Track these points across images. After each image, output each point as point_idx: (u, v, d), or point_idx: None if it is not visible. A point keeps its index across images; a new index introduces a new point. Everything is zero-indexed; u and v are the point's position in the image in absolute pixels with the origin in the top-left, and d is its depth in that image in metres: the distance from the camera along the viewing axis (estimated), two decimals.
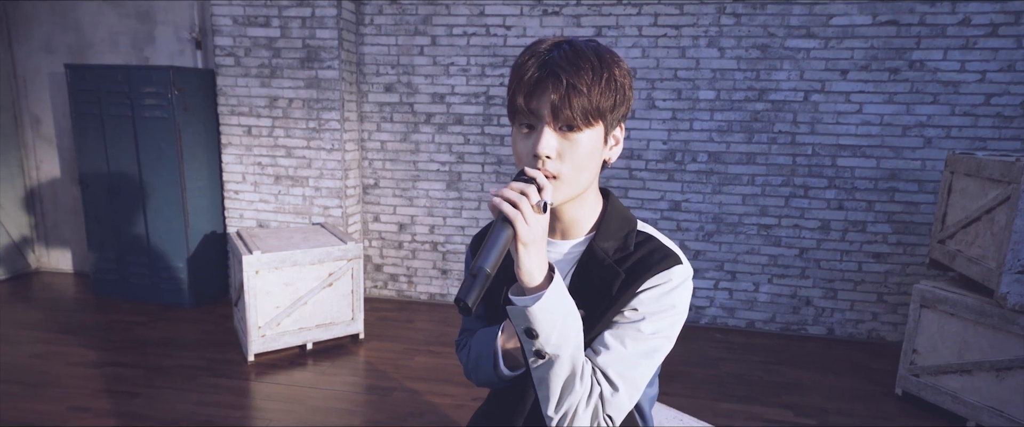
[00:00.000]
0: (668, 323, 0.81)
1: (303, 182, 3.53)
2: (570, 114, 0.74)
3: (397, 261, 3.81)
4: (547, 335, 0.72)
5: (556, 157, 0.76)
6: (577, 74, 0.74)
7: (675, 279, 0.81)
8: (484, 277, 0.67)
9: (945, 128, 3.11)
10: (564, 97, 0.74)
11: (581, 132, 0.77)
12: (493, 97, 3.47)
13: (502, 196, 0.70)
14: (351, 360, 2.95)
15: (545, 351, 0.73)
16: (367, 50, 3.55)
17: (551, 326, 0.72)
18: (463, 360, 1.00)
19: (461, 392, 2.62)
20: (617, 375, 0.79)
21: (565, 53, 0.75)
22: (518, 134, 0.80)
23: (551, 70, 0.74)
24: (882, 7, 3.04)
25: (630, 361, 0.79)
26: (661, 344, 0.82)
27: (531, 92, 0.75)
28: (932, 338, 2.54)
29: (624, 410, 0.79)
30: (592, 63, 0.75)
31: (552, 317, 0.71)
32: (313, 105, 3.41)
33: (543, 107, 0.75)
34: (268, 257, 2.77)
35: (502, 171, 3.55)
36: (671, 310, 0.81)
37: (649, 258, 0.83)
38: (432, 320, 3.52)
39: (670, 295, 0.81)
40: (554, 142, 0.76)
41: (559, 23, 3.32)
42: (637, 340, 0.80)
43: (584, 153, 0.77)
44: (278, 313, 2.86)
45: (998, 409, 2.32)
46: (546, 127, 0.76)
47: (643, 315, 0.81)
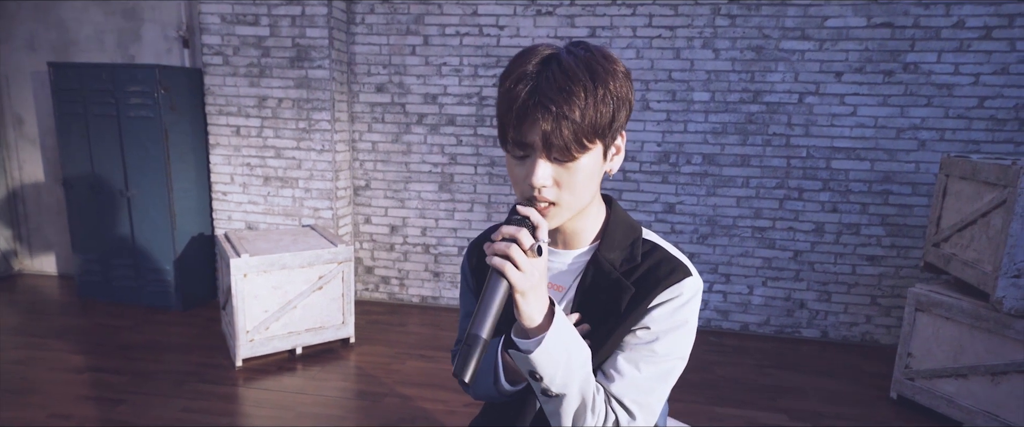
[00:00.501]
0: (681, 341, 0.78)
1: (293, 183, 3.48)
2: (562, 144, 0.69)
3: (388, 263, 3.77)
4: (551, 376, 0.70)
5: (552, 185, 0.73)
6: (568, 100, 0.68)
7: (686, 293, 0.78)
8: (480, 345, 0.64)
9: (939, 131, 3.11)
10: (555, 127, 0.68)
11: (577, 160, 0.72)
12: (486, 98, 3.43)
13: (494, 251, 0.67)
14: (341, 365, 2.90)
15: (552, 391, 0.72)
16: (358, 49, 3.50)
17: (555, 368, 0.70)
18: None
19: (454, 398, 2.58)
20: (633, 402, 0.76)
21: (554, 77, 0.69)
22: (511, 159, 0.76)
23: (539, 100, 0.68)
24: (877, 9, 3.03)
25: (646, 386, 0.77)
26: (675, 365, 0.79)
27: (520, 122, 0.70)
28: (927, 342, 2.54)
29: None
30: (584, 84, 0.69)
31: (555, 359, 0.70)
32: (303, 105, 3.36)
33: (534, 137, 0.70)
34: (257, 260, 2.71)
35: (495, 172, 3.52)
36: (684, 326, 0.78)
37: (657, 270, 0.79)
38: (424, 323, 3.48)
39: (682, 310, 0.78)
40: (549, 171, 0.72)
41: (553, 23, 3.29)
42: (651, 362, 0.77)
43: (582, 178, 0.73)
44: (267, 317, 2.81)
45: (993, 413, 2.31)
46: (540, 158, 0.71)
47: (656, 335, 0.77)
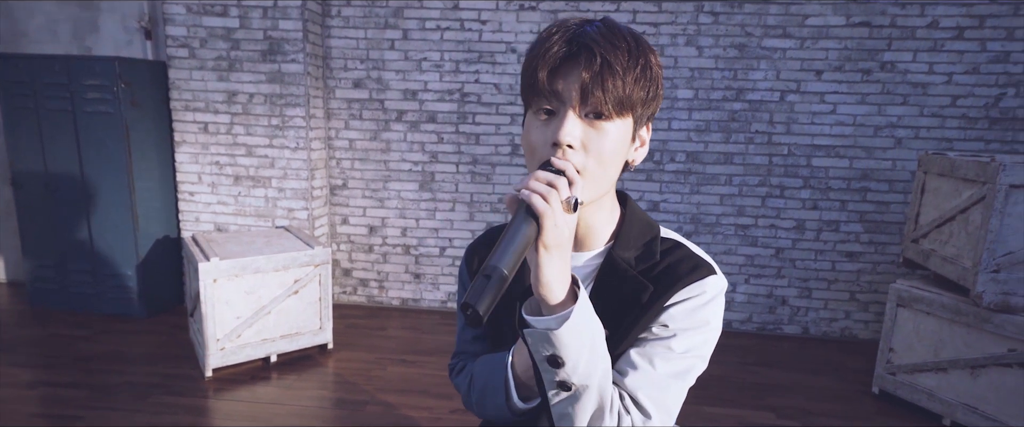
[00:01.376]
0: (701, 340, 0.72)
1: (265, 183, 3.32)
2: (601, 97, 0.63)
3: (367, 265, 3.64)
4: (574, 363, 0.61)
5: (579, 148, 0.66)
6: (613, 52, 0.63)
7: (709, 291, 0.72)
8: (500, 279, 0.54)
9: (914, 129, 3.17)
10: (597, 76, 0.63)
11: (610, 121, 0.66)
12: (468, 94, 3.35)
13: (529, 188, 0.59)
14: (319, 372, 2.77)
15: (571, 382, 0.62)
16: (334, 43, 3.36)
17: (579, 352, 0.61)
18: (462, 388, 0.88)
19: (438, 405, 2.49)
20: (648, 399, 0.69)
21: (599, 29, 0.65)
22: (534, 121, 0.68)
23: (584, 44, 0.63)
24: (855, 8, 3.07)
25: (661, 383, 0.70)
26: (694, 364, 0.72)
27: (557, 69, 0.64)
28: (908, 337, 2.57)
29: None
30: (628, 44, 0.65)
31: (581, 341, 0.61)
32: (276, 101, 3.21)
33: (570, 87, 0.64)
34: (227, 264, 2.56)
35: (477, 171, 3.43)
36: (705, 326, 0.72)
37: (678, 268, 0.73)
38: (405, 327, 3.37)
39: (703, 309, 0.72)
40: (579, 130, 0.65)
41: (536, 19, 3.23)
42: (668, 359, 0.70)
43: (611, 147, 0.67)
44: (239, 324, 2.66)
45: (973, 406, 2.35)
46: (570, 112, 0.65)
47: (674, 332, 0.71)
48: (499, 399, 0.75)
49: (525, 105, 0.72)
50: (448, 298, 3.63)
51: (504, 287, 0.55)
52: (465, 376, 0.87)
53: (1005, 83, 3.06)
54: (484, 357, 0.82)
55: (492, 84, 3.32)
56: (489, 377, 0.78)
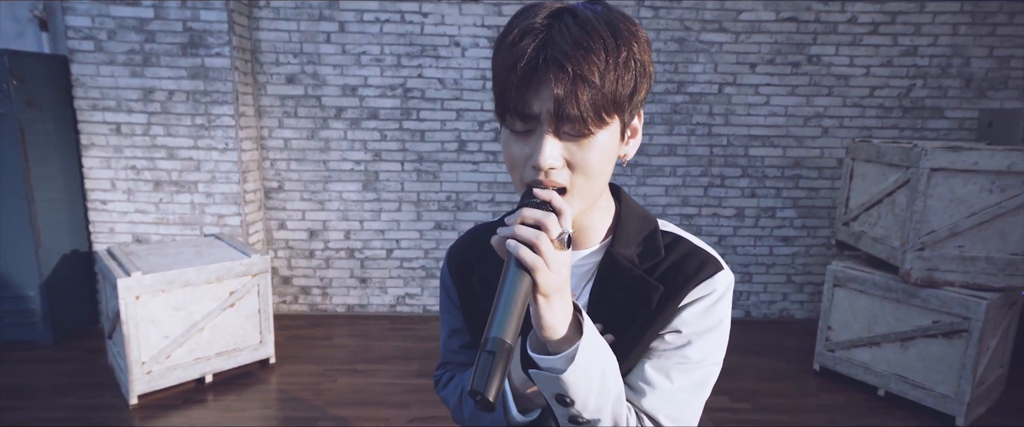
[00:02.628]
0: (716, 344, 0.68)
1: (191, 188, 3.05)
2: (578, 114, 0.55)
3: (308, 272, 3.44)
4: (584, 402, 0.56)
5: (563, 167, 0.59)
6: (586, 58, 0.54)
7: (719, 288, 0.67)
8: (506, 353, 0.49)
9: (838, 118, 3.37)
10: (569, 93, 0.55)
11: (593, 135, 0.58)
12: (411, 89, 3.22)
13: (516, 237, 0.53)
14: (261, 390, 2.58)
15: (583, 418, 0.58)
16: (264, 36, 3.13)
17: (589, 388, 0.56)
18: (451, 401, 0.80)
19: (396, 414, 2.37)
20: (668, 418, 0.64)
21: (570, 30, 0.55)
22: (510, 135, 0.61)
23: (552, 57, 0.54)
24: (784, 4, 3.21)
25: (680, 399, 0.65)
26: (711, 372, 0.68)
27: (524, 86, 0.56)
28: (844, 315, 2.72)
29: None
30: (605, 42, 0.56)
31: (590, 377, 0.56)
32: (200, 98, 2.95)
33: (543, 106, 0.56)
34: (151, 278, 2.32)
35: (424, 169, 3.32)
36: (718, 327, 0.67)
37: (685, 265, 0.68)
38: (352, 334, 3.21)
39: (715, 309, 0.67)
40: (559, 149, 0.58)
41: (479, 11, 3.15)
42: (685, 371, 0.66)
43: (598, 157, 0.59)
44: (168, 344, 2.42)
45: (903, 376, 2.52)
46: (548, 134, 0.57)
47: (688, 338, 0.66)
48: (496, 415, 0.68)
49: (498, 119, 0.63)
50: (397, 302, 3.50)
51: (511, 358, 0.51)
52: (454, 388, 0.80)
53: (914, 75, 3.31)
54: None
55: (436, 79, 3.22)
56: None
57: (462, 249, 0.82)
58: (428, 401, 2.48)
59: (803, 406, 2.54)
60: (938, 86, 3.32)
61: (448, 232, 3.40)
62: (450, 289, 0.83)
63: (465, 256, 0.81)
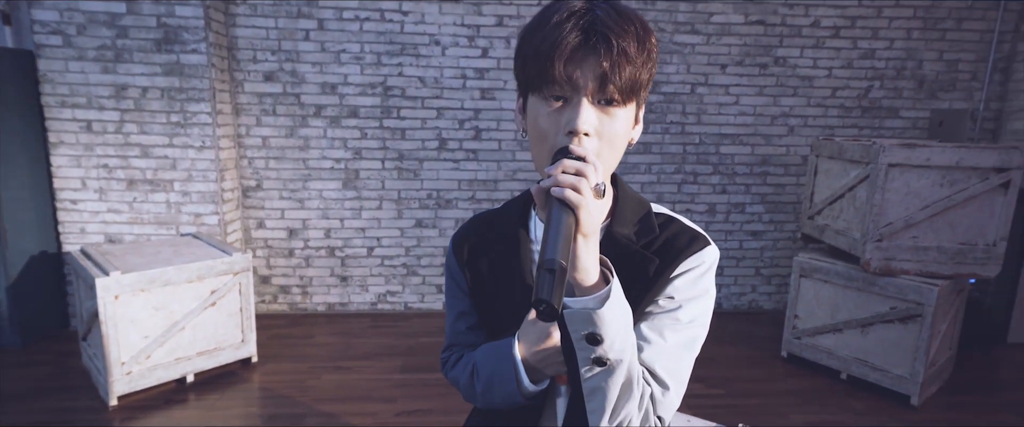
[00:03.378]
0: (703, 309, 0.76)
1: (166, 187, 3.00)
2: (618, 85, 0.65)
3: (288, 271, 3.42)
4: (612, 340, 0.62)
5: (594, 134, 0.67)
6: (626, 38, 0.64)
7: (707, 261, 0.76)
8: (562, 271, 0.56)
9: (803, 118, 3.54)
10: (614, 65, 0.64)
11: (621, 107, 0.67)
12: (392, 88, 3.24)
13: (560, 182, 0.59)
14: (244, 389, 2.57)
15: (607, 358, 0.63)
16: (241, 33, 3.10)
17: (618, 327, 0.63)
18: (461, 380, 0.86)
19: (384, 409, 2.40)
20: (664, 371, 0.71)
21: (610, 13, 0.65)
22: (543, 107, 0.68)
23: (600, 32, 0.63)
24: (752, 7, 3.35)
25: (674, 354, 0.73)
26: (699, 333, 0.76)
27: (572, 58, 0.64)
28: (809, 304, 2.87)
29: (673, 409, 0.72)
30: (636, 28, 0.65)
31: (619, 318, 0.62)
32: (175, 95, 2.90)
33: (587, 76, 0.65)
34: (132, 278, 2.29)
35: (404, 167, 3.34)
36: (705, 295, 0.76)
37: (677, 241, 0.76)
38: (333, 333, 3.21)
39: (703, 279, 0.76)
40: (594, 117, 0.66)
41: (459, 11, 3.19)
42: (676, 330, 0.73)
43: (621, 130, 0.69)
44: (148, 344, 2.39)
45: (864, 360, 2.68)
46: (585, 100, 0.65)
47: (679, 303, 0.74)
48: (509, 386, 0.74)
49: (526, 88, 0.71)
50: (378, 300, 3.51)
51: (566, 278, 0.57)
52: (463, 367, 0.85)
53: (872, 77, 3.50)
54: (485, 347, 0.81)
55: (416, 77, 3.24)
56: (496, 365, 0.76)
57: (467, 235, 0.88)
58: (415, 395, 2.51)
59: (772, 390, 2.67)
60: (894, 87, 3.52)
61: (429, 230, 3.43)
62: (457, 274, 0.89)
63: (471, 241, 0.87)
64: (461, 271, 0.88)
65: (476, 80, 3.27)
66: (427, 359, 2.88)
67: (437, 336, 3.18)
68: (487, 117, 3.32)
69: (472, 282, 0.87)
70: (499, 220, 0.86)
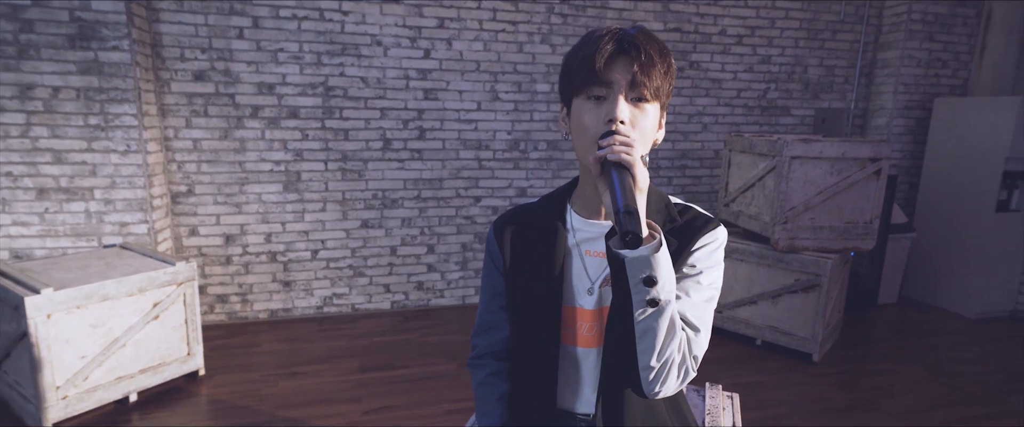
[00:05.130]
0: (717, 276, 0.93)
1: (85, 195, 2.76)
2: (646, 84, 0.82)
3: (225, 279, 3.27)
4: (664, 281, 0.76)
5: (628, 124, 0.83)
6: (651, 49, 0.83)
7: (719, 238, 0.93)
8: (637, 212, 0.71)
9: (714, 116, 3.95)
10: (644, 67, 0.81)
11: (649, 103, 0.85)
12: (333, 88, 3.20)
13: (615, 149, 0.76)
14: (194, 404, 2.46)
15: (659, 298, 0.77)
16: (166, 29, 2.92)
17: (668, 273, 0.77)
18: (474, 377, 1.06)
19: (349, 409, 2.42)
20: (694, 318, 0.88)
21: (639, 32, 0.84)
22: (586, 105, 0.85)
23: (632, 42, 0.82)
24: (670, 16, 3.70)
25: (699, 306, 0.89)
26: (714, 294, 0.93)
27: (609, 62, 0.82)
28: (730, 281, 3.25)
29: (703, 349, 0.88)
30: (659, 46, 0.85)
31: (667, 264, 0.77)
32: (94, 96, 2.68)
33: (622, 76, 0.82)
34: (65, 294, 2.12)
35: (348, 168, 3.31)
36: (718, 266, 0.93)
37: (695, 222, 0.93)
38: (280, 339, 3.13)
39: (717, 253, 0.93)
40: (628, 110, 0.83)
41: (400, 11, 3.22)
42: (698, 290, 0.90)
43: (650, 124, 0.86)
44: (85, 364, 2.22)
45: (774, 326, 3.10)
46: (620, 96, 0.82)
47: (700, 270, 0.90)
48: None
49: (570, 94, 0.87)
50: (324, 303, 3.46)
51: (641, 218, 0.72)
52: (483, 385, 1.05)
53: (769, 79, 4.00)
54: (485, 400, 1.03)
55: (359, 77, 3.23)
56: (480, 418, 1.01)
57: (509, 220, 1.02)
58: (380, 393, 2.55)
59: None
60: (786, 89, 4.04)
61: (375, 230, 3.43)
62: (495, 255, 1.02)
63: (513, 226, 1.01)
64: (500, 252, 1.01)
65: (419, 81, 3.32)
66: (385, 357, 2.91)
67: (391, 335, 3.21)
68: (431, 117, 3.39)
69: (510, 263, 1.00)
70: (539, 210, 1.01)
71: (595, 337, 0.94)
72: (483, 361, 1.06)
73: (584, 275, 0.95)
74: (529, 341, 1.00)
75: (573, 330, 0.95)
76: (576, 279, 0.95)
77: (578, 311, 0.94)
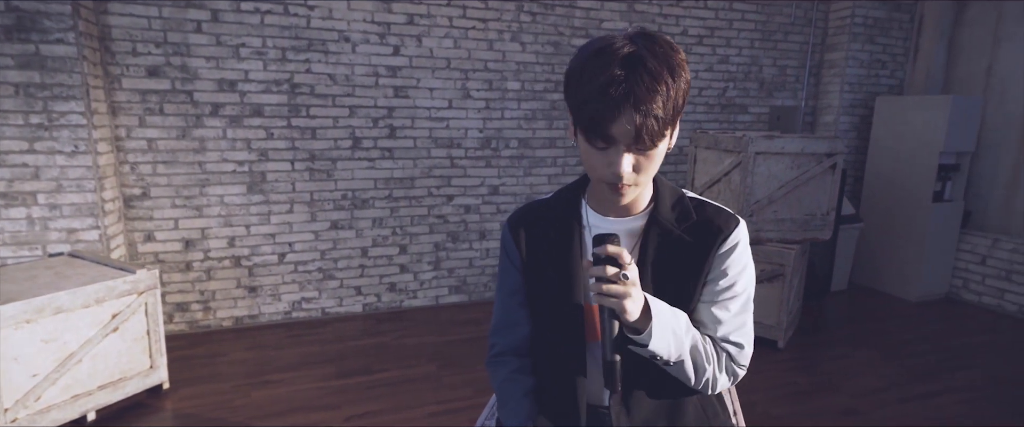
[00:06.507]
0: (750, 276, 0.94)
1: (27, 200, 2.55)
2: (648, 142, 0.78)
3: (185, 287, 3.09)
4: (668, 352, 0.84)
5: (632, 172, 0.81)
6: (654, 100, 0.75)
7: (743, 235, 0.93)
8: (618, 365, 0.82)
9: None
10: (646, 127, 0.76)
11: (656, 148, 0.81)
12: (299, 85, 3.09)
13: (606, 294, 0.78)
14: (159, 419, 2.32)
15: (671, 361, 0.85)
16: (115, 21, 2.73)
17: (668, 344, 0.83)
18: (493, 381, 1.07)
19: (328, 416, 2.34)
20: (736, 335, 0.91)
21: (643, 80, 0.74)
22: (590, 147, 0.81)
23: (633, 104, 0.74)
24: (635, 16, 3.78)
25: (739, 320, 0.92)
26: (750, 296, 0.94)
27: (612, 119, 0.76)
28: None
29: (749, 357, 0.93)
30: (667, 82, 0.76)
31: (666, 338, 0.83)
32: (35, 93, 2.48)
33: (622, 133, 0.77)
34: (13, 308, 1.95)
35: (316, 168, 3.21)
36: (749, 264, 0.94)
37: (715, 220, 0.92)
38: (248, 347, 3.00)
39: (745, 252, 0.93)
40: (631, 162, 0.80)
41: (368, 7, 3.14)
42: (735, 301, 0.91)
43: (656, 162, 0.83)
44: (37, 383, 2.05)
45: None
46: (624, 152, 0.79)
47: (733, 279, 0.91)
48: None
49: (579, 132, 0.82)
50: (292, 308, 3.34)
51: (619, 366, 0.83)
52: (501, 381, 1.04)
53: (728, 79, 4.15)
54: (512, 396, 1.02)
55: (326, 74, 3.13)
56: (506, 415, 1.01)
57: (524, 216, 1.01)
58: (360, 398, 2.49)
59: None
60: (743, 88, 4.21)
61: (345, 231, 3.34)
62: (512, 252, 1.01)
63: (528, 222, 1.01)
64: (516, 249, 1.00)
65: (389, 78, 3.25)
66: (361, 362, 2.84)
67: (365, 339, 3.13)
68: (401, 115, 3.32)
69: (527, 260, 0.99)
70: (553, 206, 1.00)
71: None
72: (504, 358, 1.05)
73: None
74: (552, 338, 1.00)
75: (594, 325, 0.95)
76: None
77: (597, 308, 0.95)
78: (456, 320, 3.43)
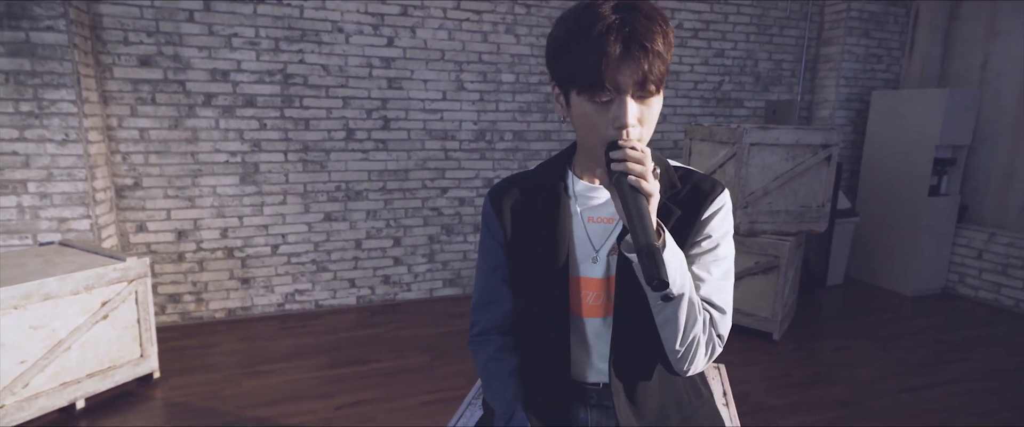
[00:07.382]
0: (731, 244, 0.93)
1: (17, 188, 2.53)
2: (653, 82, 0.77)
3: (177, 278, 3.08)
4: (674, 278, 0.77)
5: (636, 123, 0.80)
6: (654, 40, 0.75)
7: (727, 202, 0.92)
8: (659, 250, 0.71)
9: (673, 107, 4.07)
10: (651, 66, 0.76)
11: (656, 95, 0.81)
12: (292, 76, 3.07)
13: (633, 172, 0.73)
14: (149, 407, 2.30)
15: (672, 294, 0.79)
16: (106, 10, 2.72)
17: (677, 266, 0.78)
18: (478, 357, 1.03)
19: (321, 405, 2.33)
20: (718, 299, 0.88)
21: (642, 20, 0.75)
22: (591, 105, 0.79)
23: (639, 42, 0.74)
24: None
25: (720, 284, 0.89)
26: (731, 264, 0.93)
27: (618, 68, 0.75)
28: None
29: (728, 327, 0.90)
30: (662, 26, 0.77)
31: (675, 260, 0.78)
32: (26, 80, 2.46)
33: (628, 80, 0.76)
34: (2, 293, 1.93)
35: (309, 159, 3.19)
36: (731, 230, 0.93)
37: (701, 187, 0.91)
38: (240, 338, 2.98)
39: (728, 217, 0.92)
40: (636, 110, 0.79)
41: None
42: (718, 264, 0.90)
43: (656, 113, 0.83)
44: (25, 370, 2.04)
45: (738, 308, 3.20)
46: (629, 98, 0.78)
47: (716, 241, 0.90)
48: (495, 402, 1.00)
49: (568, 87, 0.81)
50: (285, 300, 3.32)
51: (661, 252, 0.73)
52: (487, 359, 1.02)
53: (723, 73, 4.15)
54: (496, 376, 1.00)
55: (320, 65, 3.12)
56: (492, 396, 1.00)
57: (507, 189, 0.99)
58: (352, 388, 2.47)
59: None
60: (738, 82, 4.20)
61: (339, 223, 3.33)
62: (494, 227, 0.99)
63: (511, 194, 0.98)
64: (499, 222, 0.98)
65: (382, 69, 3.24)
66: (355, 352, 2.82)
67: (359, 330, 3.11)
68: (395, 106, 3.31)
69: (512, 234, 0.97)
70: (538, 177, 0.98)
71: (601, 307, 0.93)
72: (488, 337, 1.03)
73: (587, 243, 0.93)
74: (536, 313, 0.97)
75: (578, 300, 0.94)
76: (580, 248, 0.93)
77: (583, 280, 0.93)
78: (450, 313, 3.41)
